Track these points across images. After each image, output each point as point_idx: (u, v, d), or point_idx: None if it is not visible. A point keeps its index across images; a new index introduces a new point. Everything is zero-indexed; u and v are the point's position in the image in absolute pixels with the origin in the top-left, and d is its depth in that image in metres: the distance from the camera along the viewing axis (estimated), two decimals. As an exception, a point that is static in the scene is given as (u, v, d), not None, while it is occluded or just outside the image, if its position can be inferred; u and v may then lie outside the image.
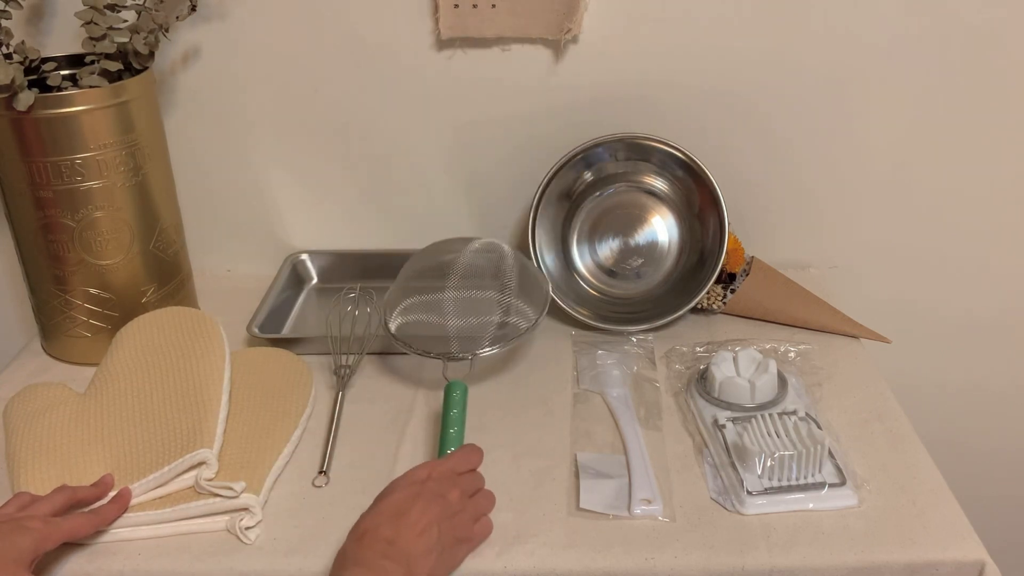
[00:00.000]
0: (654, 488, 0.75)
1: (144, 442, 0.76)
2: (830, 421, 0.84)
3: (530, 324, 0.89)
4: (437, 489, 0.68)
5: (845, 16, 0.98)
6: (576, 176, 1.03)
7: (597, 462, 0.79)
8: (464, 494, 0.70)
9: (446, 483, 0.69)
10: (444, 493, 0.68)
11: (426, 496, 0.66)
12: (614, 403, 0.87)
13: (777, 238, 1.11)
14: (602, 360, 0.93)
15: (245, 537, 0.72)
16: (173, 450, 0.74)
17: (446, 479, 0.69)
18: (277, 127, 1.06)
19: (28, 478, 0.73)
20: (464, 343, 0.87)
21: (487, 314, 0.89)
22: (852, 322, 0.98)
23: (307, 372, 0.90)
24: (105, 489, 0.73)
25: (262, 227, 1.12)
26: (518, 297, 0.90)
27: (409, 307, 0.91)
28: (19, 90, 0.82)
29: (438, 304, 0.89)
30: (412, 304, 0.91)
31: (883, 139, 1.05)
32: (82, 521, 0.69)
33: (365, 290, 0.95)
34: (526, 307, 0.90)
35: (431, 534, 0.64)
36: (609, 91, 1.02)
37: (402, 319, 0.91)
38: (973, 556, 0.70)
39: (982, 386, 1.21)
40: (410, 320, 0.90)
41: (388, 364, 0.95)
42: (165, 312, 0.90)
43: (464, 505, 0.69)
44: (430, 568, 0.64)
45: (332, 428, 0.84)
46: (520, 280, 0.91)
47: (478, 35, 0.98)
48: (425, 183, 1.09)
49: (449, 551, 0.67)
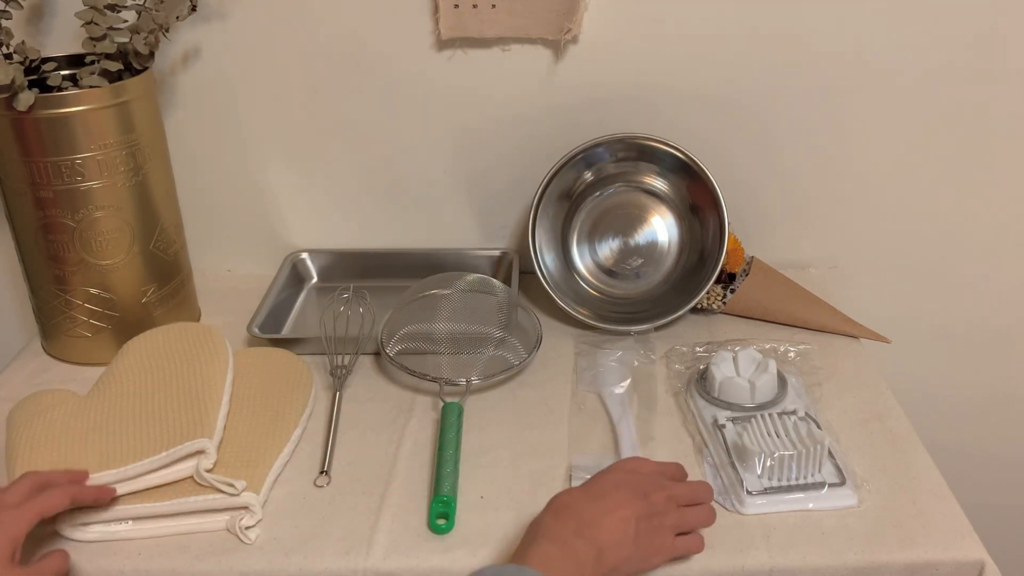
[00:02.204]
0: None
1: (143, 433, 0.76)
2: (830, 421, 0.84)
3: (521, 361, 0.92)
4: (644, 485, 0.65)
5: (845, 17, 0.98)
6: (576, 176, 1.03)
7: (591, 466, 0.78)
8: (672, 499, 0.67)
9: (654, 482, 0.66)
10: (650, 492, 0.65)
11: (631, 487, 0.64)
12: (611, 404, 0.87)
13: (777, 238, 1.11)
14: (602, 360, 0.93)
15: (245, 537, 0.72)
16: (172, 439, 0.74)
17: (655, 479, 0.67)
18: (277, 127, 1.06)
19: (24, 467, 0.73)
20: (461, 368, 0.89)
21: (483, 344, 0.92)
22: (852, 322, 0.98)
23: (307, 372, 0.90)
24: (78, 476, 0.70)
25: (262, 227, 1.12)
26: (512, 330, 0.94)
27: (407, 334, 0.93)
28: (19, 90, 0.82)
29: (435, 333, 0.92)
30: (410, 332, 0.93)
31: (883, 139, 1.05)
32: (55, 494, 0.66)
33: (358, 290, 0.96)
34: (518, 343, 0.94)
35: (628, 526, 0.62)
36: (609, 91, 1.02)
37: (401, 345, 0.93)
38: (973, 556, 0.70)
39: (982, 385, 1.21)
40: (408, 346, 0.93)
41: (388, 364, 0.95)
42: (171, 326, 0.91)
43: (669, 510, 0.66)
44: (621, 560, 0.62)
45: (331, 429, 0.84)
46: (509, 317, 0.95)
47: (478, 35, 0.98)
48: (425, 183, 1.09)
49: (643, 551, 0.64)
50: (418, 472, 0.79)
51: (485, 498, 0.76)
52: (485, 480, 0.78)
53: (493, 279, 0.98)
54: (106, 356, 0.91)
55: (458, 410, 0.83)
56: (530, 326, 0.96)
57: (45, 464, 0.73)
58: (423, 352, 0.92)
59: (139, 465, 0.72)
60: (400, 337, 0.93)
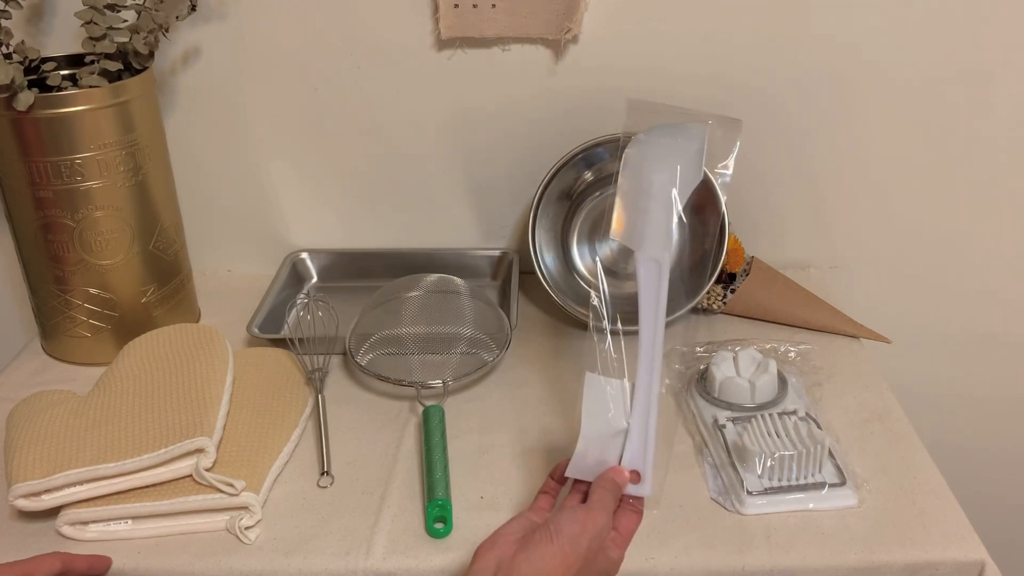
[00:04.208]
0: (649, 462, 0.68)
1: (142, 430, 0.76)
2: (830, 421, 0.84)
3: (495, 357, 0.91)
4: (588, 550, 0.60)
5: (846, 18, 0.98)
6: (576, 176, 1.03)
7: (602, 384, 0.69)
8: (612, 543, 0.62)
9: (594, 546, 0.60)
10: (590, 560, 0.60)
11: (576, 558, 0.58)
12: (642, 272, 0.68)
13: (777, 238, 1.11)
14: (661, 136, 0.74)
15: (245, 537, 0.72)
16: (171, 437, 0.74)
17: (595, 543, 0.60)
18: (277, 127, 1.06)
19: (20, 461, 0.73)
20: (435, 369, 0.88)
21: (454, 342, 0.91)
22: (852, 322, 0.98)
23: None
24: (101, 561, 0.70)
25: (262, 227, 1.12)
26: (479, 327, 0.93)
27: (376, 342, 0.92)
28: (19, 90, 0.82)
29: (404, 337, 0.91)
30: (379, 339, 0.92)
31: (884, 139, 1.05)
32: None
33: (319, 290, 0.95)
34: (487, 339, 0.93)
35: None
36: (609, 91, 1.02)
37: (372, 354, 0.91)
38: (973, 556, 0.70)
39: (982, 385, 1.21)
40: (378, 354, 0.92)
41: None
42: (171, 327, 0.91)
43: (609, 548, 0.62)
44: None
45: (322, 431, 0.83)
46: (476, 312, 0.94)
47: (478, 35, 0.98)
48: (425, 183, 1.09)
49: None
50: (418, 471, 0.79)
51: (485, 498, 0.76)
52: (485, 480, 0.78)
53: (455, 277, 0.97)
54: (106, 356, 0.91)
55: (440, 413, 0.83)
56: (500, 321, 0.95)
57: (41, 459, 0.73)
58: (396, 353, 0.91)
59: (137, 460, 0.72)
60: (370, 345, 0.92)
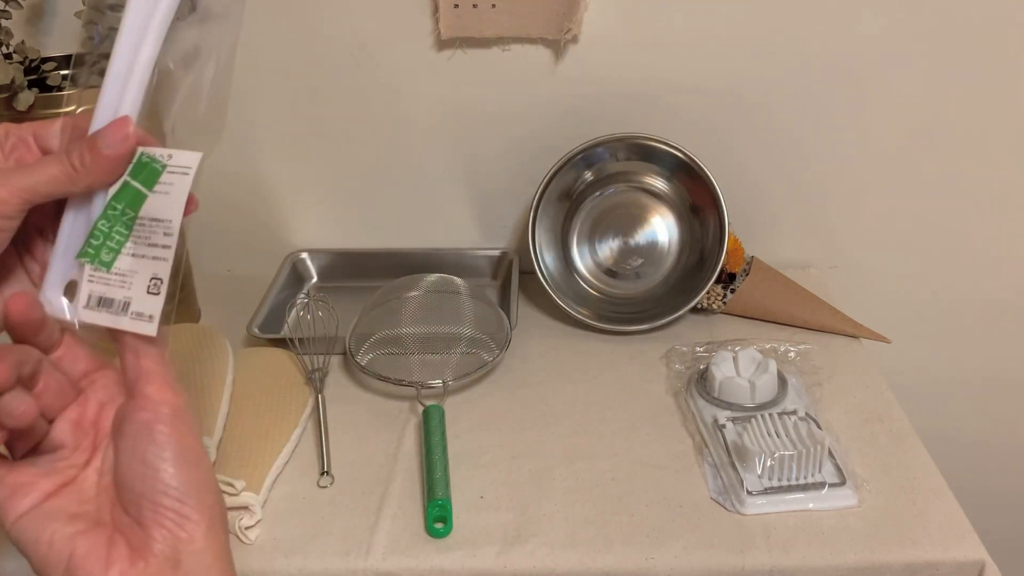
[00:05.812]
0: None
1: None
2: (830, 421, 0.84)
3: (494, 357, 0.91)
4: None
5: (846, 17, 0.98)
6: (576, 176, 1.03)
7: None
8: None
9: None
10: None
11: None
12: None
13: (777, 238, 1.11)
14: None
15: (245, 537, 0.72)
16: None
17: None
18: (277, 127, 1.06)
19: None
20: (435, 369, 0.88)
21: (454, 342, 0.91)
22: (852, 322, 0.98)
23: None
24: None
25: (262, 227, 1.12)
26: (479, 327, 0.93)
27: (377, 342, 0.92)
28: (19, 90, 0.82)
29: (404, 337, 0.91)
30: (379, 339, 0.92)
31: (884, 138, 1.05)
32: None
33: (319, 290, 0.95)
34: (487, 339, 0.93)
35: None
36: (609, 91, 1.02)
37: (372, 354, 0.91)
38: (973, 556, 0.70)
39: (982, 386, 1.21)
40: (378, 353, 0.92)
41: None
42: (171, 327, 0.90)
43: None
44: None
45: (322, 431, 0.83)
46: (476, 312, 0.94)
47: (478, 35, 0.98)
48: (425, 183, 1.09)
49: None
50: (417, 471, 0.79)
51: (485, 498, 0.76)
52: (485, 480, 0.78)
53: (455, 277, 0.96)
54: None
55: (440, 413, 0.83)
56: (500, 321, 0.95)
57: None
58: (396, 353, 0.91)
59: None
60: (370, 345, 0.92)
